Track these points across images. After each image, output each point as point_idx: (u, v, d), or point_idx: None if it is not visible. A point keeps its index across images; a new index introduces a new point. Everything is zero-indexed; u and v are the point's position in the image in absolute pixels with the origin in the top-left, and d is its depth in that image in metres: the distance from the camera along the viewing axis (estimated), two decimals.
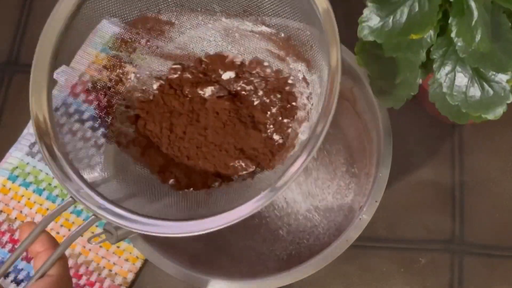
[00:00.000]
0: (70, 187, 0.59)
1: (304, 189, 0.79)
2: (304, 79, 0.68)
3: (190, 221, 0.59)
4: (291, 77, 0.68)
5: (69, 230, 0.80)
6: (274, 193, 0.57)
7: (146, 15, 0.67)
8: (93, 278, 0.79)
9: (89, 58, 0.70)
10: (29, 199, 0.82)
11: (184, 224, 0.59)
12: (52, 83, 0.62)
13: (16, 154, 0.83)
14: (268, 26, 0.68)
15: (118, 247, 0.80)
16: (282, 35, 0.68)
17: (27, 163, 0.82)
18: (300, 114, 0.67)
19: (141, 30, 0.68)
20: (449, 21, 0.58)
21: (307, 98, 0.67)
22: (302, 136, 0.66)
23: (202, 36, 0.69)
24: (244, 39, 0.69)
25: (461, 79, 0.62)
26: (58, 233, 0.80)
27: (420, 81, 0.65)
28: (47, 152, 0.60)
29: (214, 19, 0.68)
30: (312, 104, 0.66)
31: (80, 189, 0.60)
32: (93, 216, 0.59)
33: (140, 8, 0.67)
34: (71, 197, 0.59)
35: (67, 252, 0.79)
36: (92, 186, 0.60)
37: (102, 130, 0.69)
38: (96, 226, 0.80)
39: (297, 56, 0.67)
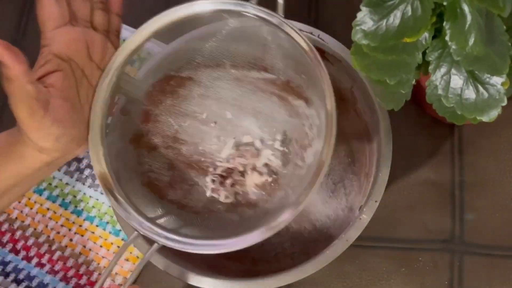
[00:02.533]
0: (135, 222, 0.66)
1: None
2: (304, 113, 0.75)
3: (230, 239, 0.65)
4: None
5: (69, 230, 0.81)
6: (292, 215, 0.64)
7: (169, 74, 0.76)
8: (93, 277, 0.79)
9: None
10: (29, 199, 0.82)
11: (227, 241, 0.65)
12: (105, 143, 0.68)
13: None
14: (269, 72, 0.76)
15: (118, 247, 0.80)
16: (283, 79, 0.76)
17: None
18: (304, 142, 0.76)
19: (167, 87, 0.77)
20: (443, 25, 0.58)
21: (309, 128, 0.75)
22: (308, 160, 0.74)
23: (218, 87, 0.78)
24: (251, 84, 0.77)
25: (456, 81, 0.62)
26: (58, 232, 0.81)
27: (413, 81, 0.65)
28: (113, 198, 0.67)
29: (225, 71, 0.77)
30: (313, 133, 0.75)
31: (142, 223, 0.66)
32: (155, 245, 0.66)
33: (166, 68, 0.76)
34: (135, 230, 0.66)
35: (67, 252, 0.80)
36: (151, 220, 0.67)
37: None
38: (97, 226, 0.81)
39: (297, 95, 0.75)
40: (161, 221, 0.70)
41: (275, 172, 0.77)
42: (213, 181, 0.78)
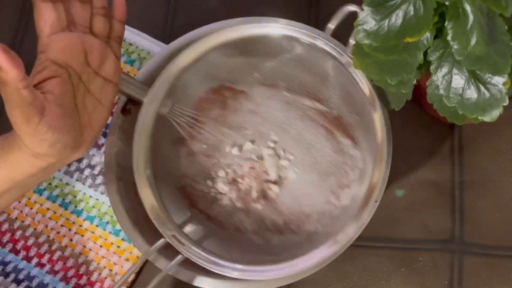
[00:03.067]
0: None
1: (304, 190, 0.79)
2: (349, 152, 0.77)
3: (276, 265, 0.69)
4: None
5: (69, 230, 0.80)
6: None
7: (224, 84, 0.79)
8: (93, 277, 0.79)
9: None
10: (29, 199, 0.82)
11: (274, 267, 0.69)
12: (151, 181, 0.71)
13: None
14: (322, 104, 0.78)
15: (118, 247, 0.80)
16: (335, 113, 0.77)
17: None
18: (343, 181, 0.77)
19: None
20: (445, 24, 0.58)
21: (351, 169, 0.76)
22: (344, 201, 0.76)
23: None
24: (301, 111, 0.79)
25: (458, 81, 0.62)
26: (58, 232, 0.81)
27: (414, 81, 0.65)
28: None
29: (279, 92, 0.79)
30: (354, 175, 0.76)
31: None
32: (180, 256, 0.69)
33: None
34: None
35: (67, 252, 0.79)
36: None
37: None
38: (97, 226, 0.81)
39: (345, 133, 0.77)
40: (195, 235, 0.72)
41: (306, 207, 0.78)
42: (242, 198, 0.79)
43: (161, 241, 0.69)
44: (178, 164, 0.77)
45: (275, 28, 0.73)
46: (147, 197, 0.70)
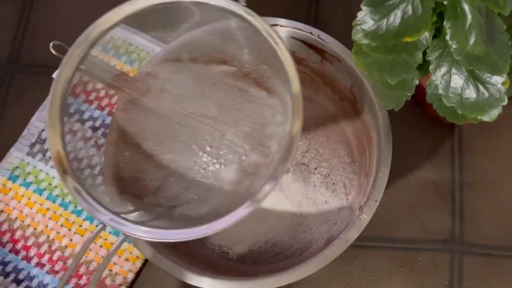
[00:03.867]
0: (100, 216, 0.66)
1: (304, 190, 0.79)
2: (266, 103, 0.74)
3: (197, 227, 0.64)
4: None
5: (69, 230, 0.81)
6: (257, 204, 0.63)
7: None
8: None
9: None
10: (29, 199, 0.82)
11: (192, 230, 0.64)
12: (63, 122, 0.68)
13: (17, 154, 0.83)
14: (228, 65, 0.75)
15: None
16: (244, 70, 0.74)
17: (28, 163, 0.83)
18: (267, 131, 0.74)
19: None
20: (444, 24, 0.58)
21: (271, 117, 0.73)
22: (273, 148, 0.72)
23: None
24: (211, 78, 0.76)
25: (457, 81, 0.62)
26: (58, 232, 0.81)
27: (417, 82, 0.65)
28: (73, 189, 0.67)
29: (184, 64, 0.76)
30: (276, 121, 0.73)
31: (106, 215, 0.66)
32: (123, 235, 0.66)
33: None
34: (101, 223, 0.66)
35: (67, 252, 0.80)
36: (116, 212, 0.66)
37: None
38: (97, 226, 0.81)
39: (258, 86, 0.74)
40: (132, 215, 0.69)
41: (240, 162, 0.76)
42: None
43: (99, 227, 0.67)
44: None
45: None
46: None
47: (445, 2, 0.58)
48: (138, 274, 0.79)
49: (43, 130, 0.84)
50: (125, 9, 0.69)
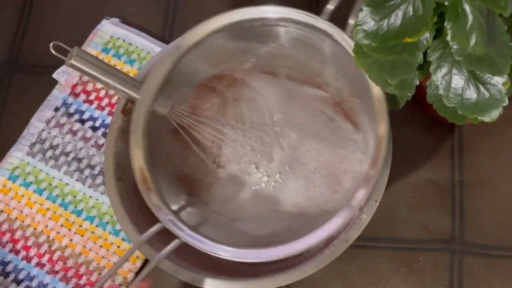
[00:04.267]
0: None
1: (304, 190, 0.79)
2: (350, 137, 0.77)
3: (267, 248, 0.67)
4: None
5: (69, 230, 0.80)
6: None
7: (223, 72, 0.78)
8: (93, 278, 0.79)
9: None
10: (29, 199, 0.82)
11: (262, 251, 0.67)
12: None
13: (17, 154, 0.83)
14: (323, 89, 0.77)
15: (118, 247, 0.80)
16: (336, 99, 0.77)
17: (28, 163, 0.83)
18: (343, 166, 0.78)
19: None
20: (445, 25, 0.58)
21: (352, 153, 0.77)
22: (346, 185, 0.77)
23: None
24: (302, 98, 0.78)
25: (457, 81, 0.62)
26: (58, 232, 0.81)
27: (417, 82, 0.65)
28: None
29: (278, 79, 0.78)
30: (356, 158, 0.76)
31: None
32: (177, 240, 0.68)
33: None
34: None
35: (67, 252, 0.79)
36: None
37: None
38: (97, 226, 0.81)
39: (347, 118, 0.76)
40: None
41: (309, 191, 0.78)
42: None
43: (157, 226, 0.68)
44: (178, 155, 0.77)
45: (271, 8, 0.72)
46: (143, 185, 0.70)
47: (446, 3, 0.58)
48: (138, 274, 0.79)
49: (43, 130, 0.84)
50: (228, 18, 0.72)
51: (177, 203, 0.73)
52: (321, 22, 0.71)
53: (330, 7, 0.71)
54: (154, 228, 0.68)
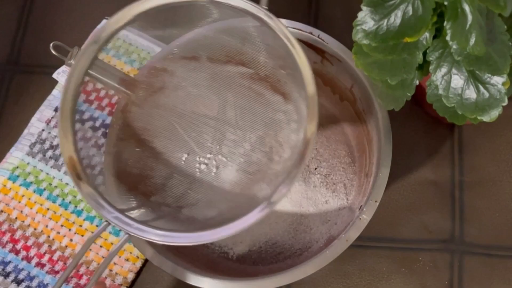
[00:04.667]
0: (105, 214, 0.66)
1: (304, 190, 0.79)
2: (281, 109, 0.73)
3: (203, 231, 0.64)
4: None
5: (69, 230, 0.80)
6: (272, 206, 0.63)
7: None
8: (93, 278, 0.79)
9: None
10: (29, 199, 0.82)
11: (199, 234, 0.64)
12: (75, 127, 0.68)
13: (17, 154, 0.83)
14: (246, 66, 0.74)
15: None
16: (261, 73, 0.73)
17: (28, 163, 0.83)
18: (279, 138, 0.74)
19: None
20: (444, 24, 0.58)
21: (286, 123, 0.73)
22: (285, 155, 0.73)
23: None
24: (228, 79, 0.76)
25: (457, 81, 0.62)
26: (58, 232, 0.81)
27: (417, 82, 0.65)
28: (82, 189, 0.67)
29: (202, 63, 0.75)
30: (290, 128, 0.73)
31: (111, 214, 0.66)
32: (126, 235, 0.65)
33: None
34: (106, 221, 0.66)
35: (67, 252, 0.79)
36: (122, 211, 0.66)
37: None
38: (97, 226, 0.81)
39: (274, 90, 0.73)
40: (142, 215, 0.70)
41: (250, 166, 0.76)
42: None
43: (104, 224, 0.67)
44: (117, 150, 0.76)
45: None
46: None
47: (445, 3, 0.58)
48: (138, 274, 0.79)
49: (43, 130, 0.84)
50: (138, 8, 0.69)
51: (115, 194, 0.71)
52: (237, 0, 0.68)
53: None
54: (99, 228, 0.67)
